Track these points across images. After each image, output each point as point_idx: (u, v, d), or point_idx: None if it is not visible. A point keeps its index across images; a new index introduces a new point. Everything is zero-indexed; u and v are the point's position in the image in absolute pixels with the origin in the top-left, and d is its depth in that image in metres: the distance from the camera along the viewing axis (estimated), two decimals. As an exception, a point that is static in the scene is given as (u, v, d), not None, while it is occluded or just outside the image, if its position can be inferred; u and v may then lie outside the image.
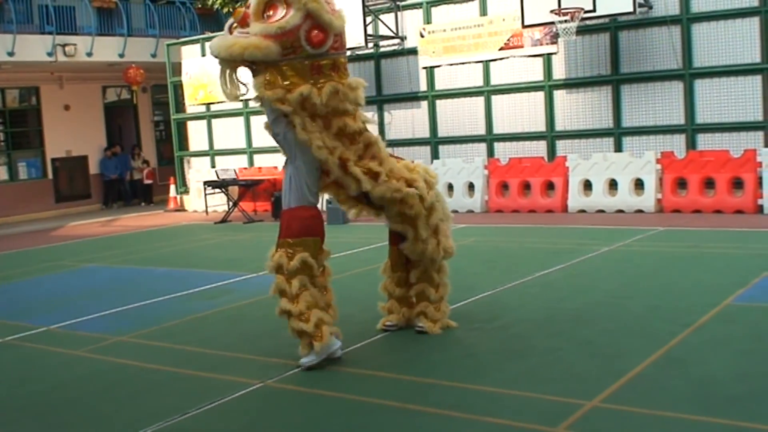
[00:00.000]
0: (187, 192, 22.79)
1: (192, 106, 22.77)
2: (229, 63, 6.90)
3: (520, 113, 17.40)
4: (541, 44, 16.85)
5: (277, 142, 7.01)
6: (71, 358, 7.57)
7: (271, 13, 6.64)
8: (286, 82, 6.61)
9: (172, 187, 23.31)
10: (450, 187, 17.42)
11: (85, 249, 15.88)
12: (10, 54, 21.08)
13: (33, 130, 24.42)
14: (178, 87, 23.05)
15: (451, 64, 18.16)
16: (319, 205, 7.09)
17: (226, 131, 22.16)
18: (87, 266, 13.50)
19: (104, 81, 25.61)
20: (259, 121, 21.35)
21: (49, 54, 21.86)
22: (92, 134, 25.33)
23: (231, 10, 23.75)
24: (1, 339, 8.49)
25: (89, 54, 22.64)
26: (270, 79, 6.67)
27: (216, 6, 23.77)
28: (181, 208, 22.69)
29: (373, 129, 7.75)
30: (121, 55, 23.31)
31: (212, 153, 22.41)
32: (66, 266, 13.66)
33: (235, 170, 19.87)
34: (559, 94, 16.92)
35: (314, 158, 6.76)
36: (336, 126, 6.81)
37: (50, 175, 24.46)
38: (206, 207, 20.45)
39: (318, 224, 6.91)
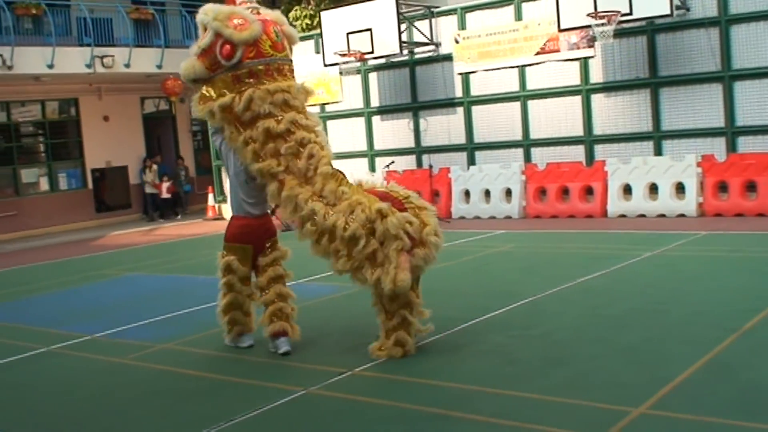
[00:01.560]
0: (225, 201, 22.91)
1: (229, 116, 22.85)
2: (190, 83, 7.64)
3: (557, 118, 17.31)
4: (578, 48, 16.77)
5: (219, 154, 7.48)
6: (115, 366, 7.65)
7: (201, 36, 7.48)
8: (216, 95, 7.30)
9: (210, 196, 23.47)
10: (487, 193, 17.38)
11: (127, 258, 16.04)
12: (50, 66, 21.36)
13: (73, 141, 24.71)
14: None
15: (487, 70, 18.13)
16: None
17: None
18: (129, 275, 13.63)
19: (142, 92, 25.87)
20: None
21: (88, 66, 22.11)
22: (131, 145, 25.58)
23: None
24: (45, 347, 8.59)
25: (127, 65, 22.86)
26: (205, 93, 7.41)
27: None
28: (219, 217, 22.82)
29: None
30: (159, 66, 23.52)
31: (250, 162, 22.48)
32: (108, 275, 13.80)
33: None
34: (596, 98, 16.81)
35: (242, 169, 7.41)
36: (261, 129, 7.16)
37: (90, 186, 24.73)
38: (244, 215, 20.51)
39: (248, 233, 7.57)
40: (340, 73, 19.93)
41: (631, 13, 14.85)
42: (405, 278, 6.73)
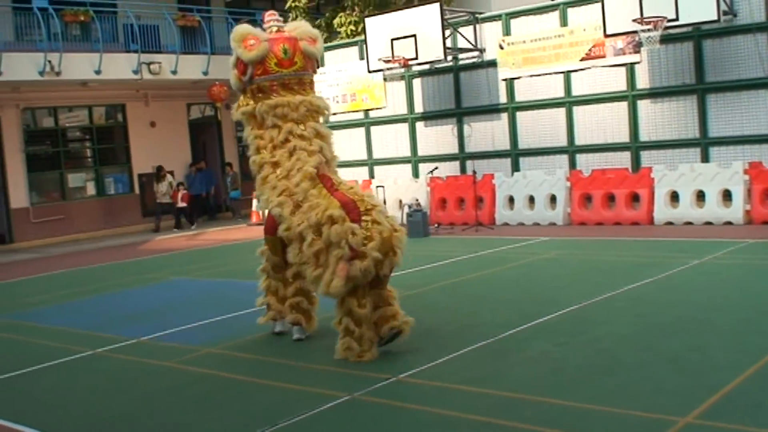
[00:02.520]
0: (268, 206, 23.03)
1: (273, 122, 23.01)
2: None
3: (602, 124, 17.18)
4: (624, 54, 16.63)
5: None
6: (161, 369, 7.73)
7: None
8: (245, 104, 8.40)
9: (254, 202, 23.60)
10: (531, 199, 17.30)
11: (172, 262, 16.20)
12: (97, 72, 21.66)
13: (120, 146, 25.01)
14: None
15: (532, 76, 18.05)
16: None
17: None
18: (174, 279, 13.77)
19: (188, 98, 26.12)
20: (338, 136, 21.54)
21: (135, 72, 22.39)
22: (177, 150, 25.84)
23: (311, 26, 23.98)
24: (92, 350, 8.71)
25: (174, 72, 23.13)
26: (240, 101, 8.52)
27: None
28: (263, 222, 22.90)
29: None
30: (205, 73, 23.74)
31: (293, 167, 22.61)
32: (154, 279, 13.96)
33: (316, 184, 20.01)
34: (643, 104, 16.66)
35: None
36: (267, 138, 8.17)
37: (137, 190, 25.00)
38: (288, 221, 20.63)
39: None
40: (384, 79, 19.98)
41: (677, 19, 14.71)
42: (338, 285, 7.17)
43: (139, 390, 7.15)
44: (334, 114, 21.43)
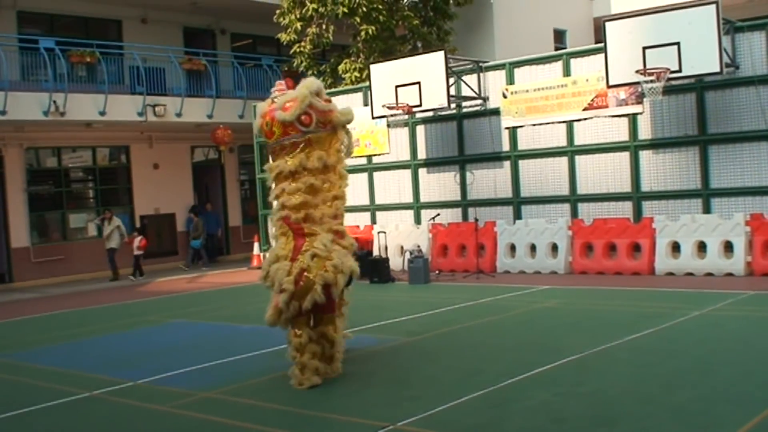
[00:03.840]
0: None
1: (276, 166, 23.08)
2: None
3: (604, 173, 17.22)
4: (627, 104, 16.72)
5: None
6: (158, 414, 7.66)
7: None
8: None
9: (256, 245, 23.62)
10: (533, 247, 17.29)
11: (172, 305, 16.15)
12: (102, 113, 21.78)
13: (122, 187, 25.10)
14: (264, 147, 23.48)
15: (534, 125, 18.13)
16: None
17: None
18: (173, 322, 13.72)
19: (192, 141, 26.25)
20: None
21: (140, 114, 22.53)
22: (180, 192, 25.92)
23: (315, 72, 24.20)
24: (89, 392, 8.64)
25: (178, 114, 23.26)
26: None
27: (301, 68, 24.22)
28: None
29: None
30: (210, 116, 23.88)
31: (295, 211, 22.63)
32: (153, 321, 13.90)
33: (317, 229, 20.02)
34: (645, 155, 16.71)
35: None
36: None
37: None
38: (289, 265, 20.60)
39: None
40: (388, 125, 20.08)
41: (680, 71, 14.79)
42: (268, 314, 8.45)
43: (135, 434, 7.09)
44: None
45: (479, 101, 18.82)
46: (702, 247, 15.31)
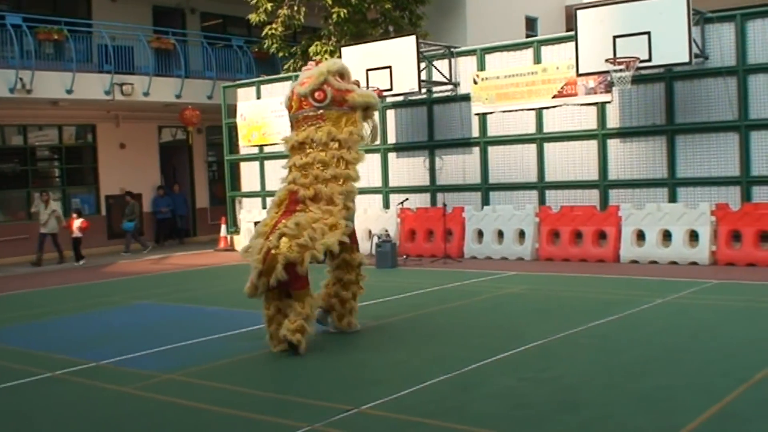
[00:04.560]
0: (237, 232, 22.96)
1: (245, 148, 23.03)
2: None
3: (572, 161, 17.29)
4: (596, 93, 16.79)
5: None
6: (119, 395, 7.59)
7: None
8: None
9: (223, 227, 23.51)
10: (500, 233, 17.34)
11: (136, 286, 16.02)
12: (69, 91, 21.54)
13: (88, 166, 24.85)
14: (233, 128, 23.37)
15: (504, 111, 18.16)
16: None
17: (278, 172, 22.21)
18: (137, 303, 13.61)
19: (160, 121, 26.02)
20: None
21: (107, 93, 22.30)
22: (146, 173, 25.70)
23: (287, 54, 24.05)
24: (50, 373, 8.55)
25: (146, 94, 23.04)
26: None
27: (272, 50, 24.07)
28: (230, 248, 22.82)
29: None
30: (178, 96, 23.68)
31: (264, 194, 22.57)
32: (117, 302, 13.78)
33: (285, 211, 19.97)
34: (612, 143, 16.80)
35: None
36: None
37: (104, 212, 24.80)
38: (256, 247, 20.54)
39: None
40: (358, 108, 19.97)
41: (650, 60, 14.87)
42: (247, 288, 8.94)
43: (96, 416, 7.00)
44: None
45: (450, 87, 18.80)
46: (667, 235, 15.44)
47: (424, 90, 18.52)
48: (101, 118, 24.51)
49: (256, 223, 20.12)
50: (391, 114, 20.03)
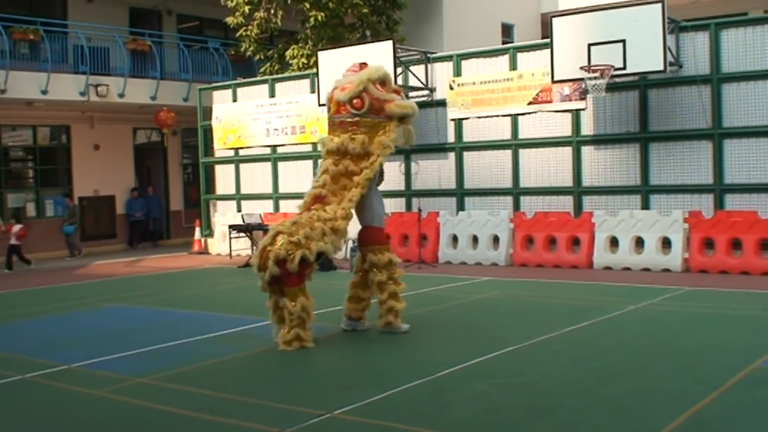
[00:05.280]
0: (211, 235, 22.87)
1: (220, 150, 22.96)
2: None
3: (547, 168, 17.37)
4: (570, 100, 16.88)
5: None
6: (90, 398, 7.52)
7: None
8: None
9: (197, 230, 23.40)
10: (474, 239, 17.38)
11: (109, 288, 15.90)
12: (44, 92, 21.37)
13: (62, 168, 24.65)
14: (208, 131, 23.27)
15: (480, 117, 18.21)
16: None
17: (254, 176, 22.29)
18: (110, 306, 13.50)
19: (135, 122, 25.87)
20: (286, 167, 21.51)
21: (82, 94, 22.15)
22: (120, 175, 25.53)
23: (263, 57, 24.00)
24: (21, 375, 8.46)
25: (121, 95, 22.91)
26: None
27: (248, 53, 24.02)
28: (204, 251, 22.73)
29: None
30: (153, 98, 23.56)
31: (238, 197, 22.51)
32: (89, 305, 13.67)
33: (260, 215, 19.96)
34: (586, 150, 16.89)
35: None
36: None
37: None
38: (230, 251, 20.51)
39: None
40: (334, 113, 19.93)
41: (624, 68, 14.96)
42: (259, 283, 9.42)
43: (66, 420, 6.94)
44: (282, 145, 21.44)
45: (426, 92, 18.83)
46: (640, 242, 15.54)
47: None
48: (76, 119, 24.33)
49: (230, 227, 20.30)
50: (367, 118, 19.99)
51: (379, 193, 10.16)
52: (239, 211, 21.95)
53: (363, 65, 10.19)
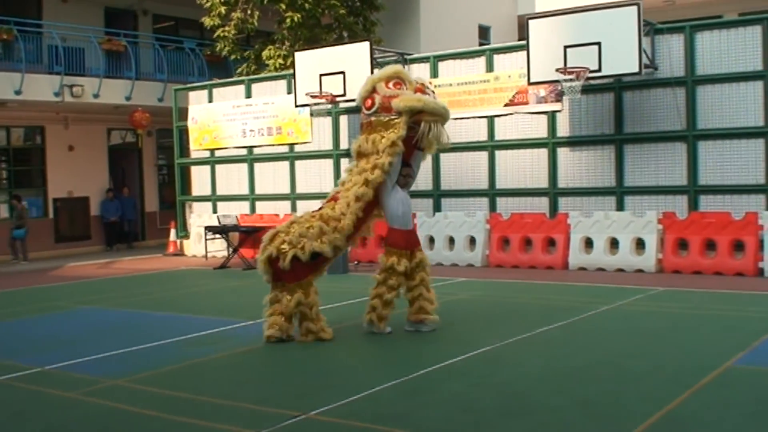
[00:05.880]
0: (187, 236, 22.77)
1: (196, 151, 22.87)
2: None
3: (523, 169, 17.43)
4: (546, 102, 16.95)
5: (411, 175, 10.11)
6: (64, 401, 7.47)
7: None
8: None
9: (172, 232, 23.29)
10: (451, 240, 17.41)
11: (83, 290, 15.80)
12: (18, 92, 21.20)
13: (36, 169, 24.48)
14: (184, 132, 23.18)
15: (456, 119, 18.18)
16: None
17: (229, 177, 22.22)
18: (84, 308, 13.42)
19: (110, 123, 25.73)
20: (262, 168, 21.46)
21: (56, 94, 21.98)
22: (95, 176, 25.38)
23: (239, 58, 23.93)
24: (-6, 378, 8.41)
25: (96, 96, 22.76)
26: None
27: (225, 53, 23.94)
28: (180, 253, 22.63)
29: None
30: (128, 98, 23.42)
31: (214, 198, 22.44)
32: (63, 307, 13.58)
33: (236, 216, 19.90)
34: (562, 152, 16.97)
35: None
36: None
37: (51, 215, 24.44)
38: (206, 252, 20.43)
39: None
40: (311, 114, 19.96)
41: (599, 70, 15.03)
42: None
43: (40, 422, 6.89)
44: (258, 146, 21.40)
45: (402, 93, 18.79)
46: (614, 243, 15.63)
47: (376, 96, 18.48)
48: (50, 119, 24.16)
49: (206, 228, 20.23)
50: (344, 119, 20.04)
51: (398, 193, 9.95)
52: (215, 212, 21.88)
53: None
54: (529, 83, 16.28)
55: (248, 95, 21.70)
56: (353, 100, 18.38)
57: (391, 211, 9.94)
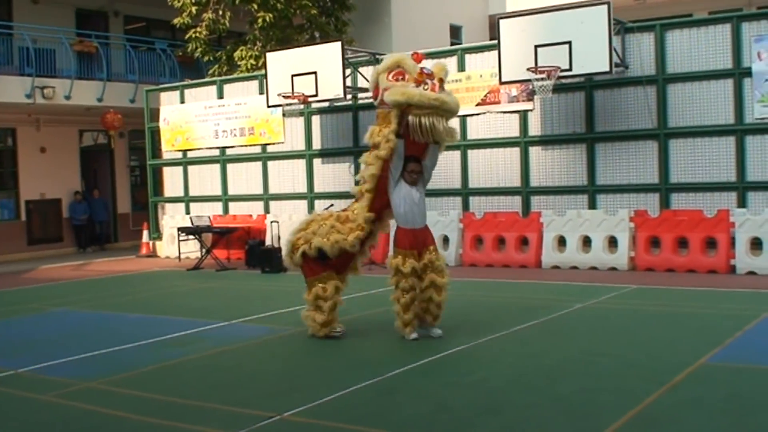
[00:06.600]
0: (160, 238, 22.66)
1: (168, 152, 22.76)
2: None
3: (495, 168, 17.49)
4: (518, 101, 17.02)
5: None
6: (38, 403, 7.43)
7: None
8: None
9: (145, 233, 23.17)
10: (425, 239, 17.41)
11: (56, 293, 15.69)
12: (-12, 95, 21.05)
13: (7, 171, 24.27)
14: (156, 133, 23.06)
15: (429, 118, 18.23)
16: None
17: (202, 178, 22.14)
18: (57, 310, 13.33)
19: (81, 125, 25.56)
20: (235, 169, 21.40)
21: (28, 96, 21.78)
22: (67, 177, 25.20)
23: (211, 58, 23.84)
24: (-34, 382, 8.34)
25: (67, 97, 22.58)
26: None
27: (196, 54, 23.84)
28: (153, 254, 22.52)
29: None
30: (100, 100, 23.26)
31: (187, 199, 22.34)
32: (35, 309, 13.48)
33: (209, 217, 19.84)
34: (534, 151, 17.05)
35: None
36: None
37: (23, 217, 24.24)
38: (179, 253, 20.34)
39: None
40: (284, 114, 19.92)
41: (570, 69, 15.11)
42: None
43: (13, 425, 6.85)
44: (231, 147, 21.34)
45: (375, 93, 18.81)
46: (587, 241, 15.73)
47: (349, 96, 18.51)
48: (22, 121, 23.96)
49: (179, 229, 20.15)
50: (316, 120, 20.02)
51: (401, 190, 9.60)
52: (188, 213, 21.79)
53: (417, 56, 9.93)
54: (501, 83, 16.34)
55: (220, 96, 21.63)
56: (325, 101, 18.48)
57: (393, 209, 9.80)
